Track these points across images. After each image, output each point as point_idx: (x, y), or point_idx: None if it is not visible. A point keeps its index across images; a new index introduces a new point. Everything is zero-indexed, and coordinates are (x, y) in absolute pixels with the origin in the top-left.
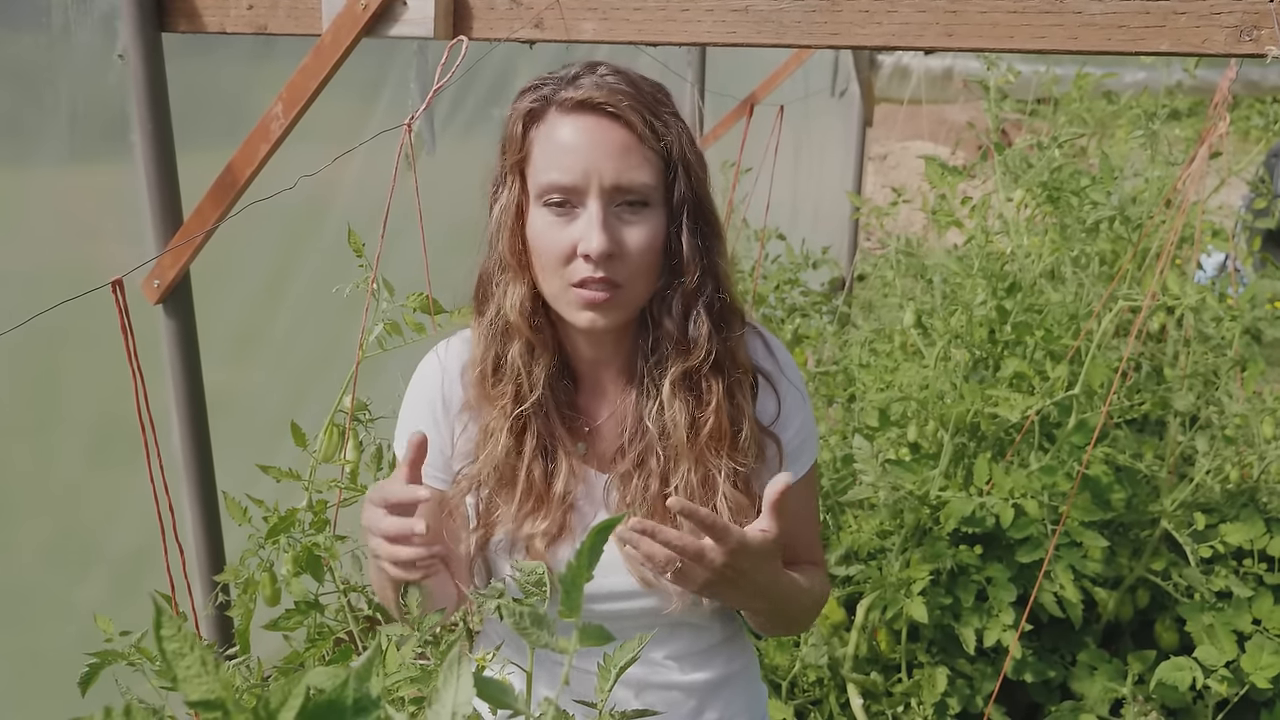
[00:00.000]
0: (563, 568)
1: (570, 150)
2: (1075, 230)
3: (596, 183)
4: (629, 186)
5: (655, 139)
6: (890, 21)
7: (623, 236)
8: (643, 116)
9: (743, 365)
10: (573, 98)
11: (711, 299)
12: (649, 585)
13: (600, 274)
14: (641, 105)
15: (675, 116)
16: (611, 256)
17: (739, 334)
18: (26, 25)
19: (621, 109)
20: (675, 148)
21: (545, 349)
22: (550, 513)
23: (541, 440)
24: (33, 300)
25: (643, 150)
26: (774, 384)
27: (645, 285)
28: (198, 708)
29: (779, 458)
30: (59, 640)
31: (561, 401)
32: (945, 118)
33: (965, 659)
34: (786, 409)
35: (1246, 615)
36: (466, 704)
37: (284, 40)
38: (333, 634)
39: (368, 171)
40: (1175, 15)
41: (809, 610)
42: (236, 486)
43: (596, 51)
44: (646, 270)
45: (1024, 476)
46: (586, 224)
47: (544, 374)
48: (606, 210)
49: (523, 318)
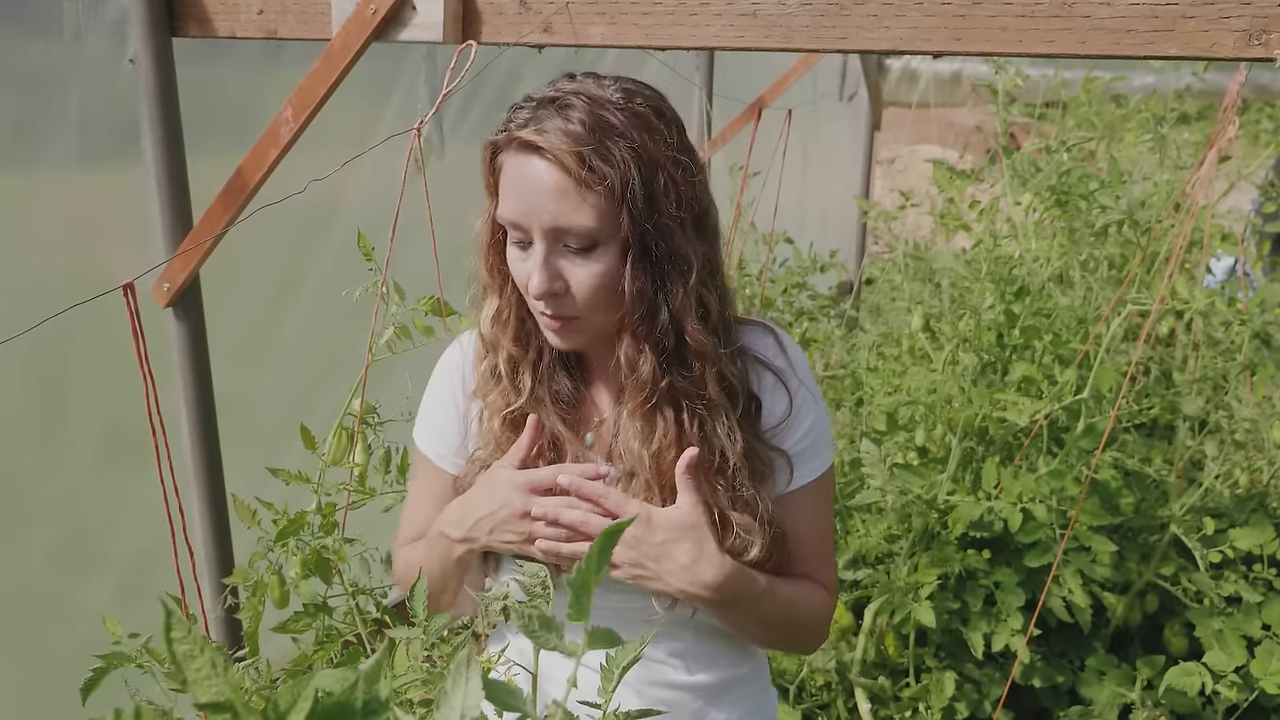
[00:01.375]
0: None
1: (514, 189)
2: (1084, 234)
3: (537, 225)
4: (567, 229)
5: (596, 179)
6: (898, 26)
7: (569, 275)
8: (580, 157)
9: (705, 396)
10: (518, 137)
11: (659, 338)
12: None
13: (551, 310)
14: (581, 144)
15: (633, 147)
16: (556, 295)
17: (700, 373)
18: (38, 30)
19: (558, 152)
20: (618, 186)
21: (527, 356)
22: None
23: (545, 432)
24: (43, 304)
25: (580, 193)
26: (785, 382)
27: (604, 314)
28: (207, 710)
29: (788, 467)
30: (67, 642)
31: (562, 399)
32: (953, 121)
33: (973, 664)
34: (796, 408)
35: (1256, 620)
36: (475, 706)
37: (293, 45)
38: (341, 636)
39: (377, 176)
40: (1184, 19)
41: (798, 628)
42: (246, 489)
43: (604, 56)
44: (599, 304)
45: (1032, 481)
46: (533, 263)
47: (531, 378)
48: (551, 250)
49: (499, 330)
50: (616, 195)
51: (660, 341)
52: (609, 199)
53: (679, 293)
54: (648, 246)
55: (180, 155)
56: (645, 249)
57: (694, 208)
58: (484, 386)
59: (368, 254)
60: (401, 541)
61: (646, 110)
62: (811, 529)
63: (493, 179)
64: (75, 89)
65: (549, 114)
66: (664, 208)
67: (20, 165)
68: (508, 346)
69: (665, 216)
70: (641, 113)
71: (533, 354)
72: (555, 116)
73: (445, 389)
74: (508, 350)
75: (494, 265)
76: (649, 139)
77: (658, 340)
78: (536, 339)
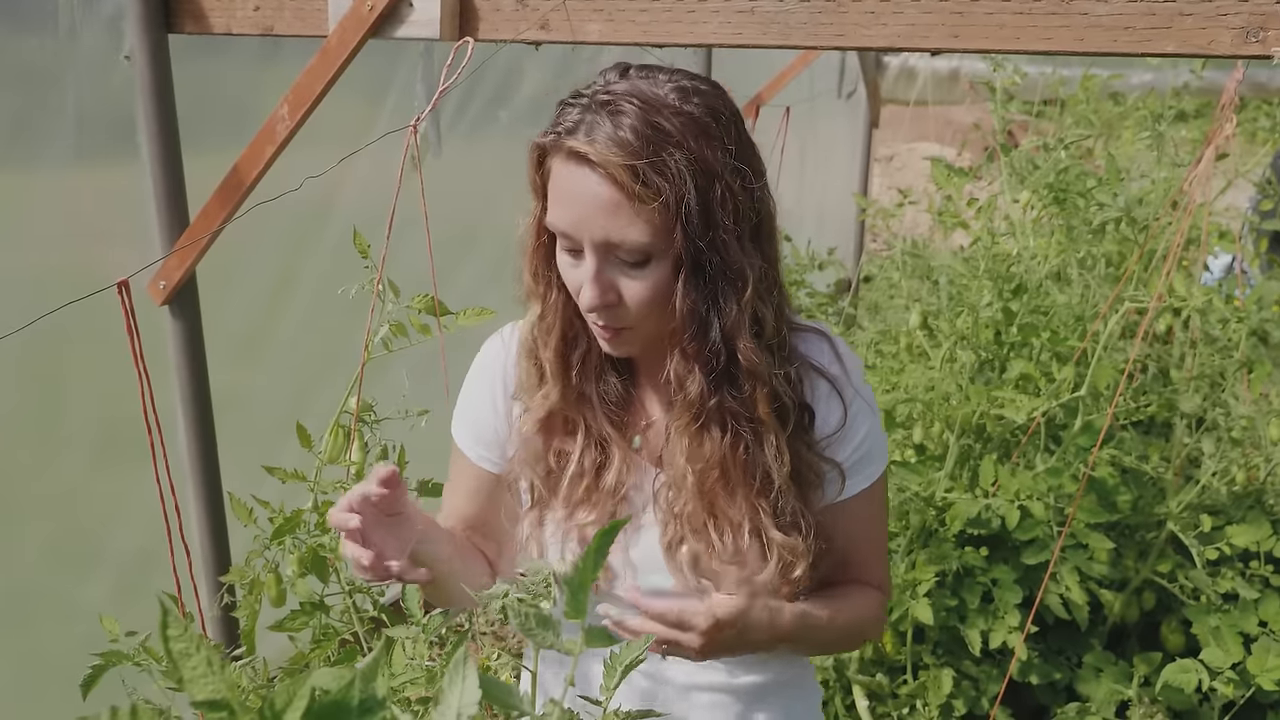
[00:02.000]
0: (614, 555)
1: (564, 199)
2: (1081, 232)
3: (588, 237)
4: (619, 244)
5: (650, 194)
6: (896, 23)
7: (621, 288)
8: (634, 171)
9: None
10: (567, 145)
11: (709, 357)
12: (694, 591)
13: (603, 321)
14: (636, 157)
15: (689, 157)
16: (608, 307)
17: (754, 388)
18: (33, 27)
19: (610, 166)
20: (673, 201)
21: (570, 356)
22: (600, 503)
23: (592, 433)
24: (39, 301)
25: (633, 207)
26: (840, 391)
27: (656, 323)
28: (204, 708)
29: (840, 478)
30: (64, 641)
31: (610, 399)
32: (951, 119)
33: (971, 661)
34: (851, 418)
35: (1253, 617)
36: (472, 705)
37: (290, 42)
38: (338, 635)
39: (373, 173)
40: (1182, 17)
41: (857, 638)
42: (242, 487)
43: (602, 53)
44: (651, 314)
45: (1030, 478)
46: (584, 274)
47: (576, 378)
48: (602, 263)
49: (543, 336)
50: (671, 210)
51: (710, 360)
52: (663, 214)
53: (732, 309)
54: (701, 263)
55: (176, 152)
56: (699, 265)
57: (751, 217)
58: (524, 390)
59: (364, 251)
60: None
61: (703, 112)
62: (865, 536)
63: (540, 181)
64: (71, 86)
65: (599, 119)
66: (719, 221)
67: (16, 162)
68: (550, 352)
69: (721, 230)
70: (698, 117)
71: (579, 353)
72: (606, 122)
73: (484, 384)
74: (550, 356)
75: (538, 270)
76: (706, 147)
77: (708, 359)
78: (585, 338)
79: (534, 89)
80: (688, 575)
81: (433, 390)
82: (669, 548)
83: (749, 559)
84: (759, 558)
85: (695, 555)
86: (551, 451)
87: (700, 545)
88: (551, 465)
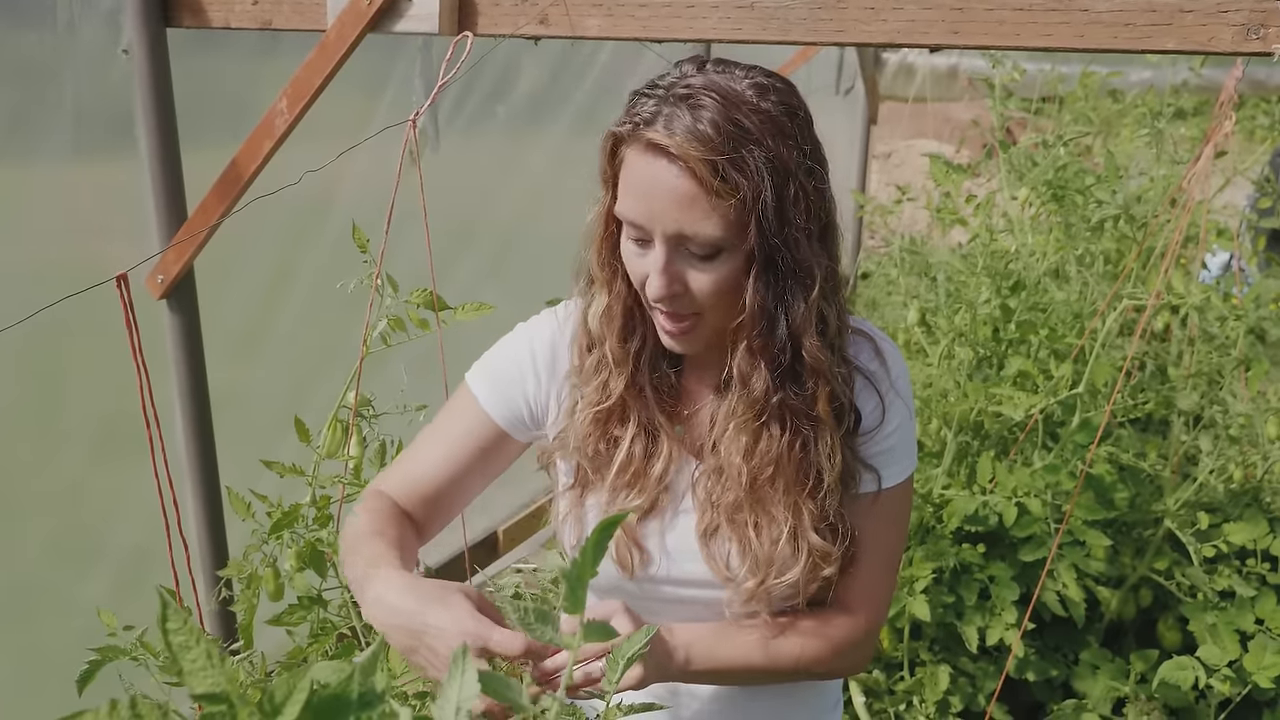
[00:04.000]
0: (651, 540)
1: (638, 190)
2: (1080, 229)
3: (660, 229)
4: (691, 238)
5: (729, 189)
6: (896, 19)
7: (690, 280)
8: (714, 166)
9: (834, 410)
10: (646, 136)
11: (776, 354)
12: (727, 580)
13: (671, 310)
14: (715, 152)
15: (767, 156)
16: (676, 297)
17: (816, 387)
18: (31, 21)
19: (689, 160)
20: (749, 198)
21: (629, 346)
22: (646, 489)
23: (643, 422)
24: (37, 296)
25: (709, 201)
26: (875, 385)
27: (722, 317)
28: (203, 700)
29: (875, 481)
30: (62, 636)
31: (663, 390)
32: (950, 116)
33: (968, 657)
34: (888, 417)
35: (1249, 615)
36: (471, 699)
37: (288, 36)
38: (336, 629)
39: (372, 168)
40: (1182, 13)
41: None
42: (240, 482)
43: (601, 48)
44: (718, 307)
45: (1027, 475)
46: (652, 264)
47: (632, 369)
48: (672, 254)
49: (606, 326)
50: (747, 207)
51: (777, 357)
52: (739, 210)
53: (800, 307)
54: (774, 260)
55: (175, 147)
56: (771, 262)
57: (821, 218)
58: (584, 380)
59: (362, 246)
60: (384, 481)
61: (780, 110)
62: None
63: (612, 172)
64: (69, 80)
65: (679, 112)
66: (793, 219)
67: (14, 157)
68: (612, 343)
69: (793, 228)
70: (775, 115)
71: (636, 343)
72: (686, 115)
73: (527, 350)
74: (612, 347)
75: (605, 259)
76: (782, 145)
77: (775, 356)
78: (642, 328)
79: (532, 85)
80: (720, 564)
81: (431, 385)
82: (704, 535)
83: (778, 558)
84: (789, 557)
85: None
86: (603, 436)
87: (734, 536)
88: (601, 449)
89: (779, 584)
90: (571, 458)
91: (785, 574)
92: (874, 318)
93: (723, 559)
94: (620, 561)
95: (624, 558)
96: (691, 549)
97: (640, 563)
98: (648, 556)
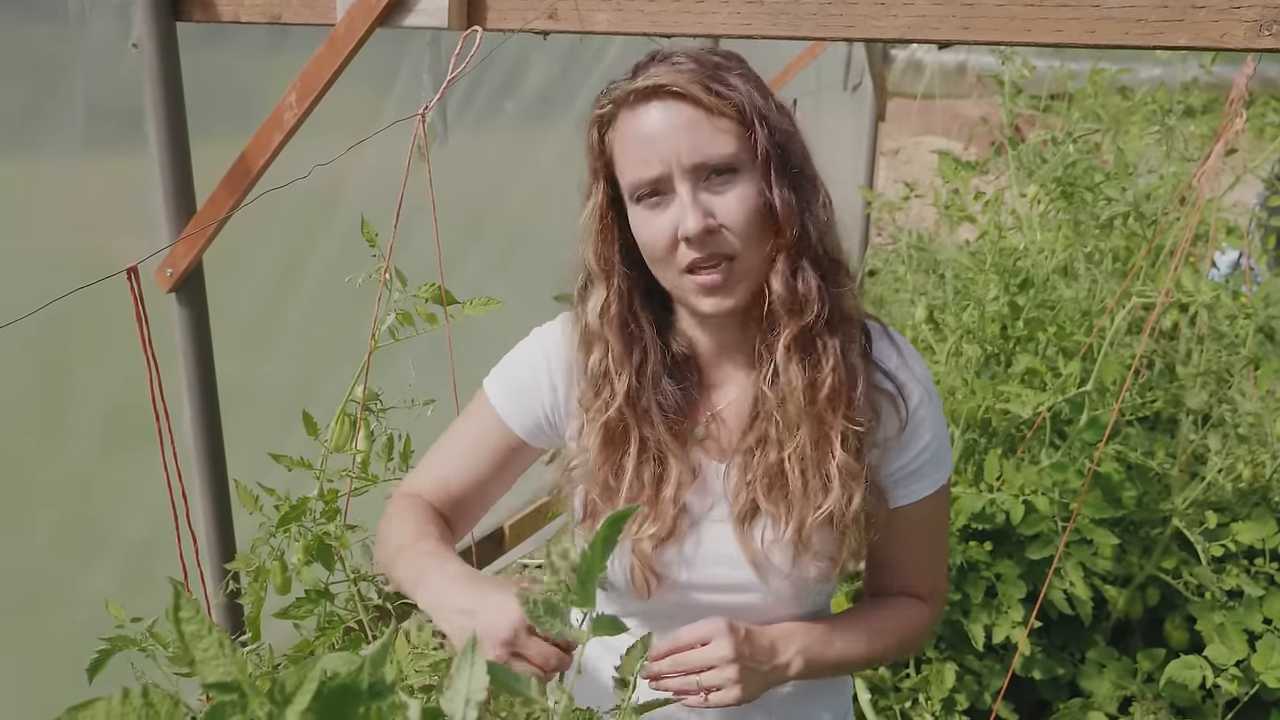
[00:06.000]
0: (670, 569)
1: (645, 142)
2: (1089, 226)
3: (677, 165)
4: (708, 161)
5: (724, 103)
6: (906, 14)
7: (717, 210)
8: (705, 86)
9: (850, 318)
10: (634, 89)
11: (816, 252)
12: (760, 570)
13: (707, 251)
14: (702, 75)
15: (743, 76)
16: (711, 232)
17: (847, 288)
18: (42, 14)
19: (681, 85)
20: (747, 106)
21: (631, 353)
22: (660, 515)
23: (648, 444)
24: (46, 289)
25: (713, 121)
26: (901, 390)
27: (756, 252)
28: (214, 690)
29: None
30: (69, 628)
31: (668, 409)
32: (959, 113)
33: (974, 655)
34: (915, 422)
35: (1257, 614)
36: (480, 690)
37: (298, 32)
38: (343, 622)
39: (380, 163)
40: (1194, 9)
41: (893, 653)
42: (248, 475)
43: (610, 43)
44: (752, 236)
45: (1035, 473)
46: (680, 208)
47: (630, 380)
48: (696, 189)
49: (605, 323)
50: (746, 115)
51: (818, 256)
52: (740, 121)
53: (819, 209)
54: (786, 161)
55: (184, 140)
56: (784, 164)
57: (801, 149)
58: (586, 393)
59: (371, 240)
60: (413, 483)
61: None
62: (917, 546)
63: (602, 159)
64: (79, 74)
65: (657, 64)
66: (786, 127)
67: (24, 150)
68: (612, 340)
69: (786, 135)
70: (731, 55)
71: (637, 356)
72: (665, 64)
73: (540, 363)
74: (612, 345)
75: (602, 253)
76: (755, 85)
77: (816, 255)
78: (642, 340)
79: (540, 80)
80: (756, 545)
81: (439, 380)
82: (740, 520)
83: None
84: (832, 482)
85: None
86: (609, 465)
87: (770, 510)
88: (609, 479)
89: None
90: (581, 489)
91: (819, 508)
92: (881, 314)
93: (758, 541)
94: (636, 588)
95: (639, 584)
96: (718, 553)
97: (657, 588)
98: (665, 581)
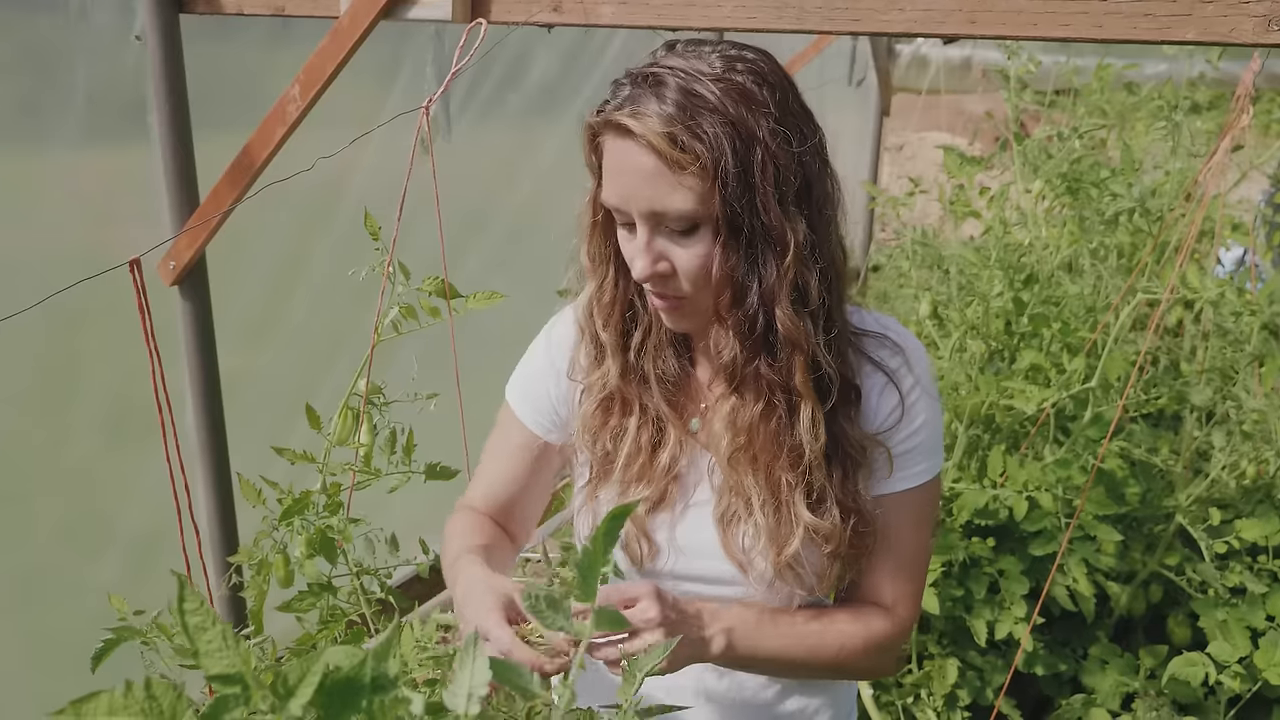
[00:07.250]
0: (660, 534)
1: (614, 173)
2: (1094, 222)
3: (636, 209)
4: (666, 212)
5: (689, 159)
6: (913, 8)
7: (673, 256)
8: (671, 138)
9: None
10: (613, 120)
11: (744, 323)
12: (742, 566)
13: (658, 290)
14: (668, 126)
15: (727, 121)
16: (662, 277)
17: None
18: (44, 6)
19: (650, 136)
20: (711, 163)
21: (631, 336)
22: (654, 481)
23: (649, 412)
24: (50, 281)
25: (674, 175)
26: (897, 382)
27: (709, 296)
28: (218, 682)
29: (888, 462)
30: (73, 620)
31: (667, 378)
32: (963, 108)
33: (976, 651)
34: (911, 415)
35: (1260, 611)
36: (482, 685)
37: (301, 24)
38: (345, 616)
39: (384, 156)
40: (1202, 4)
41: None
42: (251, 468)
43: (615, 36)
44: (704, 285)
45: (1038, 469)
46: (635, 247)
47: (624, 359)
48: (652, 234)
49: (598, 312)
50: (709, 174)
51: (745, 326)
52: (702, 178)
53: (771, 274)
54: (738, 226)
55: (187, 133)
56: (735, 229)
57: (794, 181)
58: (582, 370)
59: (374, 233)
60: (468, 497)
61: (746, 79)
62: (888, 544)
63: (595, 161)
64: (82, 66)
65: (643, 93)
66: (759, 184)
67: (27, 143)
68: (604, 329)
69: (759, 194)
70: (739, 82)
71: (640, 330)
72: (649, 96)
73: (545, 357)
74: (604, 333)
75: (595, 247)
76: (745, 111)
77: (742, 324)
78: (645, 316)
79: (544, 74)
80: (737, 548)
81: (442, 373)
82: (721, 520)
83: (781, 532)
84: (788, 532)
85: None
86: (608, 429)
87: (750, 519)
88: (608, 443)
89: (787, 556)
90: (583, 450)
91: (786, 548)
92: (885, 310)
93: (739, 543)
94: (630, 554)
95: (633, 550)
96: (707, 546)
97: (649, 555)
98: (657, 549)
